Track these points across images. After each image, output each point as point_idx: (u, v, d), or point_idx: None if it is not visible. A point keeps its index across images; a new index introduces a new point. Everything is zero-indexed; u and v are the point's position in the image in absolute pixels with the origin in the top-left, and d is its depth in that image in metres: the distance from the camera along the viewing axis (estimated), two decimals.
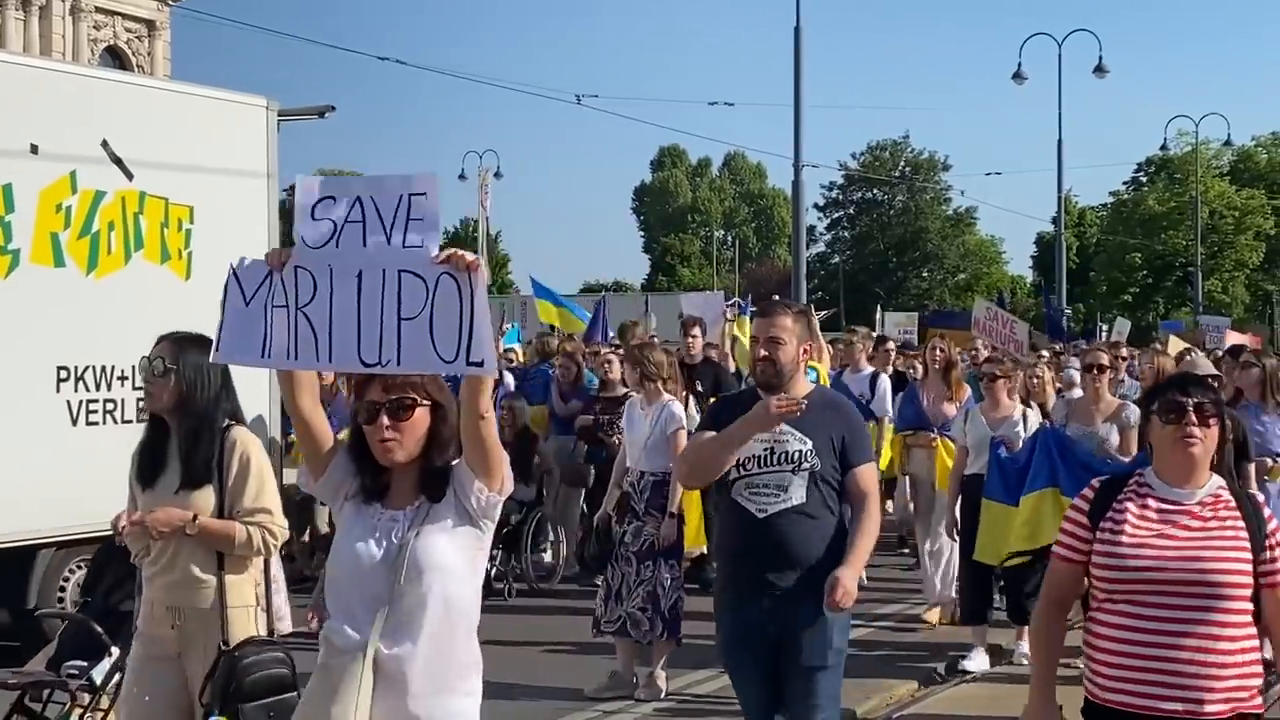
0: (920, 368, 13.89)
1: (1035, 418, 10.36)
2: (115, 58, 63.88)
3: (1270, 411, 10.12)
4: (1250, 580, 4.27)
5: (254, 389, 8.32)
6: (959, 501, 10.54)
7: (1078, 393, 11.80)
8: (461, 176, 58.99)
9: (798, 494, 5.74)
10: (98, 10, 61.63)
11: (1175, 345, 17.26)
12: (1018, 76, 44.31)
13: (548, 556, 13.79)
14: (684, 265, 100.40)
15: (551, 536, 13.73)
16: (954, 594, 11.39)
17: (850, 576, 5.53)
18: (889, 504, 13.71)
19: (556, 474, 13.40)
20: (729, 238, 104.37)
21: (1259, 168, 79.82)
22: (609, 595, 9.23)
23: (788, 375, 5.80)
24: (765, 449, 5.75)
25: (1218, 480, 4.42)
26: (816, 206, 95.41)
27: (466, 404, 4.00)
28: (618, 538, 9.35)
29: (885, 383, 13.49)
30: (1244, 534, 4.30)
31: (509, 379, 14.20)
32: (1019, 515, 9.43)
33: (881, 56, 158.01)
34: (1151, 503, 4.37)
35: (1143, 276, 78.10)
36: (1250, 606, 4.28)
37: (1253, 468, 9.38)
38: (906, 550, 14.54)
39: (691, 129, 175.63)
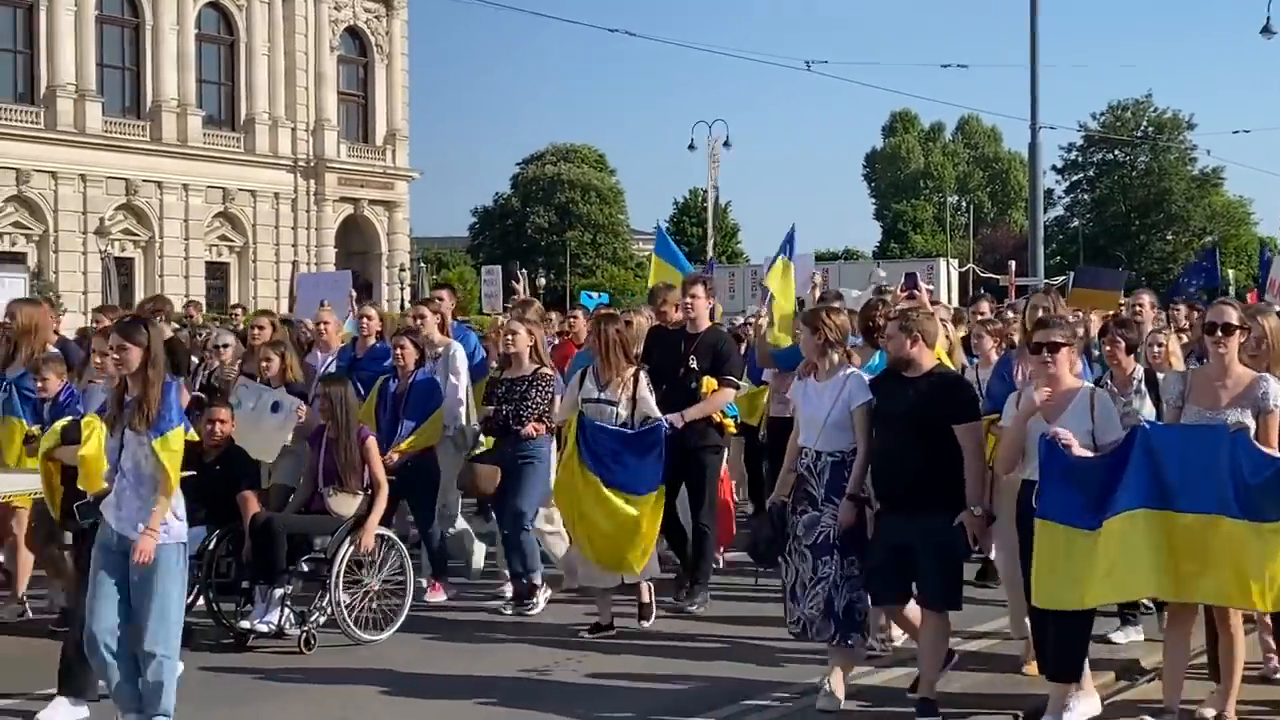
0: (989, 339, 11.39)
1: (1108, 407, 7.51)
2: (355, 38, 65.64)
3: None
4: None
5: None
6: (1014, 518, 7.84)
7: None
8: (691, 147, 59.28)
9: None
10: None
11: None
12: (1266, 30, 42.30)
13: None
14: (916, 232, 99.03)
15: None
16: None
17: None
18: None
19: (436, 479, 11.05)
20: (963, 203, 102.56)
21: None
22: (788, 594, 8.22)
23: None
24: None
25: None
26: (1054, 169, 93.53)
27: None
28: (791, 529, 8.19)
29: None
30: None
31: None
32: (1100, 548, 7.05)
33: (1122, 12, 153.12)
34: None
35: None
36: None
37: None
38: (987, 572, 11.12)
39: (924, 93, 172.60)
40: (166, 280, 55.56)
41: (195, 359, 13.09)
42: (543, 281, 70.97)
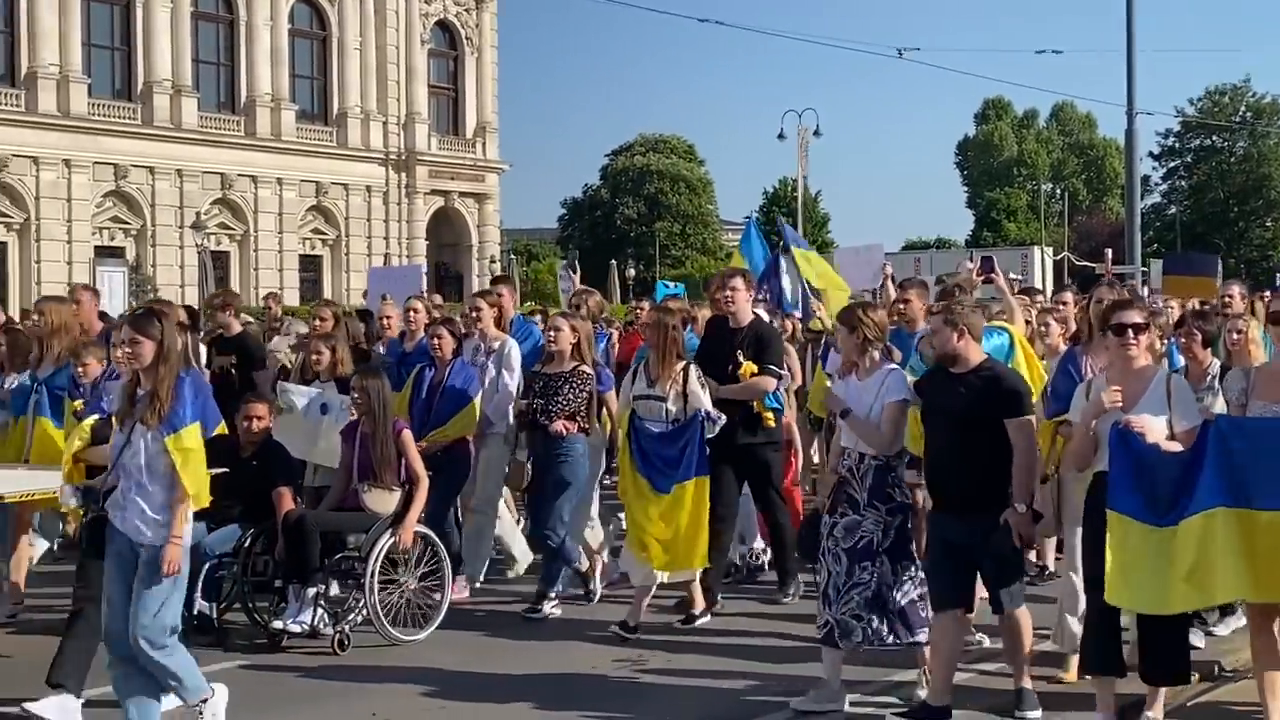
0: (1054, 326, 10.89)
1: (1185, 392, 7.22)
2: (445, 31, 66.13)
3: None
4: None
5: None
6: (1091, 511, 7.36)
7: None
8: (781, 136, 59.02)
9: None
10: None
11: None
12: None
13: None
14: (1010, 220, 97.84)
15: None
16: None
17: None
18: None
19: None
20: (1057, 190, 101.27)
21: None
22: (820, 596, 8.00)
23: None
24: None
25: None
26: (1151, 155, 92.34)
27: None
28: (825, 529, 7.96)
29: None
30: None
31: None
32: (1178, 548, 6.72)
33: None
34: None
35: None
36: None
37: None
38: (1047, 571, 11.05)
39: (1017, 79, 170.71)
40: (261, 273, 56.48)
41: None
42: (632, 272, 71.04)
